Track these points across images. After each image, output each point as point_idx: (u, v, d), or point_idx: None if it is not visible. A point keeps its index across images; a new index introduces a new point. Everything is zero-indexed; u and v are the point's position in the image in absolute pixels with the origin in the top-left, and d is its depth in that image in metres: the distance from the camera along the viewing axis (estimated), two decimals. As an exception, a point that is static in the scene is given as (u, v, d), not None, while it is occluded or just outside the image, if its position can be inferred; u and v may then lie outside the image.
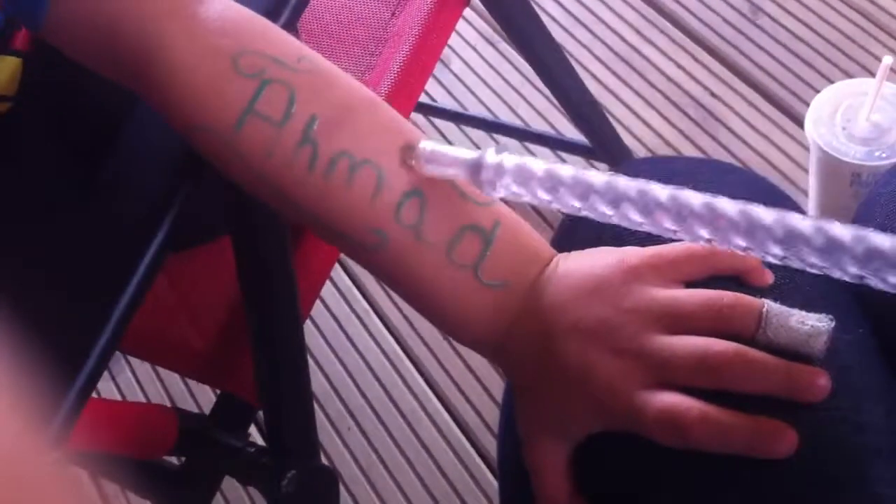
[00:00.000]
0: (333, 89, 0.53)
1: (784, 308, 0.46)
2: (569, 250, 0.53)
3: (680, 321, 0.47)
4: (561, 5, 1.50)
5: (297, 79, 0.52)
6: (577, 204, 0.47)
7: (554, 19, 1.48)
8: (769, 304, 0.47)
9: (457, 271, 0.51)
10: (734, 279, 0.49)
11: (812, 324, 0.46)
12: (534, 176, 0.48)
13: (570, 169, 0.47)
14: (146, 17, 0.52)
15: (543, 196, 0.48)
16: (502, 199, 0.51)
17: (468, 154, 0.50)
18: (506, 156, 0.49)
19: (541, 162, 0.49)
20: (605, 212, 0.46)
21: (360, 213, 0.51)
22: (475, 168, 0.49)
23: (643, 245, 0.50)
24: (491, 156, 0.49)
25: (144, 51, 0.52)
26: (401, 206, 0.51)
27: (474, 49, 1.49)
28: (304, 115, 0.51)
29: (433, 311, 0.53)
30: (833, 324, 0.46)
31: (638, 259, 0.49)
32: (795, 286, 0.49)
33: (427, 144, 0.51)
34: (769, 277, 0.49)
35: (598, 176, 0.46)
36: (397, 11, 0.85)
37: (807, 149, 1.24)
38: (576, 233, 0.56)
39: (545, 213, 1.29)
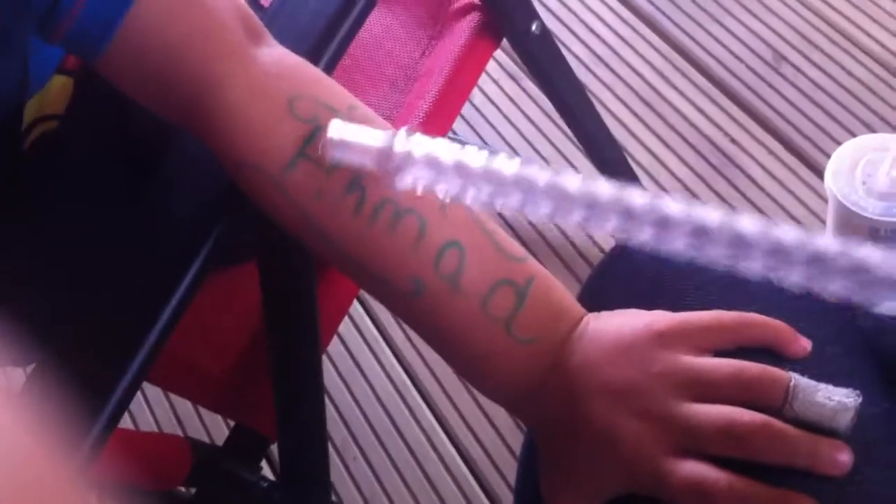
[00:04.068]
0: None
1: (811, 382, 0.46)
2: (598, 310, 0.53)
3: (707, 390, 0.47)
4: (585, 44, 1.51)
5: None
6: (488, 196, 0.45)
7: (577, 58, 1.49)
8: (796, 378, 0.47)
9: (490, 324, 0.51)
10: (765, 350, 0.49)
11: (839, 399, 0.46)
12: (445, 167, 0.45)
13: (482, 159, 0.45)
14: (206, 56, 0.53)
15: (455, 187, 0.46)
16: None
17: (377, 140, 0.47)
18: (416, 142, 0.46)
19: (454, 149, 0.46)
20: (516, 203, 0.45)
21: (400, 261, 0.52)
22: (383, 157, 0.47)
23: (675, 310, 0.50)
24: (400, 143, 0.47)
25: (201, 88, 0.53)
26: (440, 257, 0.51)
27: (496, 83, 1.49)
28: None
29: (463, 362, 0.54)
30: (860, 399, 0.46)
31: (666, 325, 0.50)
32: (823, 359, 0.49)
33: (336, 131, 0.48)
34: (805, 345, 0.49)
35: (510, 166, 0.45)
36: (428, 50, 0.85)
37: (824, 199, 1.23)
38: (605, 292, 0.56)
39: (568, 261, 1.28)
